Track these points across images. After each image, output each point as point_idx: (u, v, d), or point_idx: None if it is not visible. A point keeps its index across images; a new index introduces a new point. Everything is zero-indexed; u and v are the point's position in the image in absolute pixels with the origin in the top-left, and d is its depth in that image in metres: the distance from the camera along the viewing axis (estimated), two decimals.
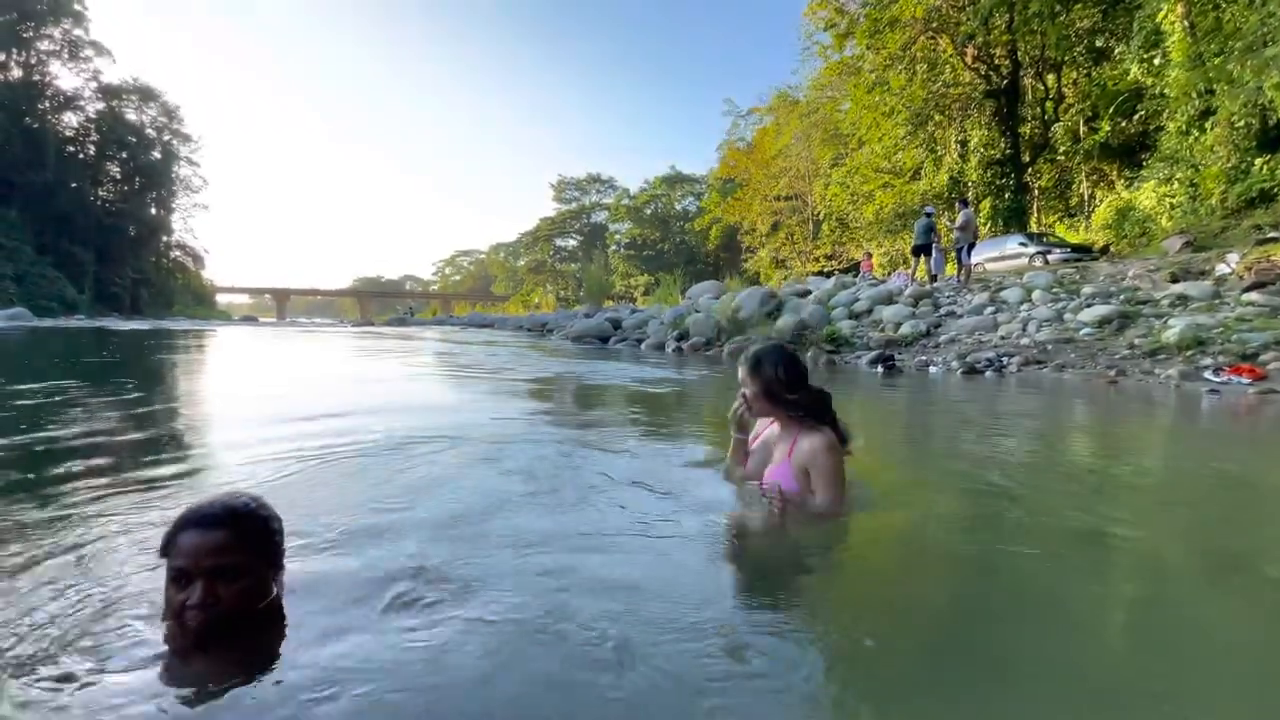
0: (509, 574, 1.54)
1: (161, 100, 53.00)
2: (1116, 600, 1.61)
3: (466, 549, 1.69)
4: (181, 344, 13.31)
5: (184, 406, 5.00)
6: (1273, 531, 2.21)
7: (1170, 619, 1.50)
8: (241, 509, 1.19)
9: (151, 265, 53.64)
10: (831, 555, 1.82)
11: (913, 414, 5.39)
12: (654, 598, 1.43)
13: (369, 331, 24.13)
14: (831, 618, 1.44)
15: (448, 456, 2.83)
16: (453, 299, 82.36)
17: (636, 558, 1.69)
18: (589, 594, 1.44)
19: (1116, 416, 4.94)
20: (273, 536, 1.24)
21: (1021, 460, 3.31)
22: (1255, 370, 6.16)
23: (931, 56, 23.86)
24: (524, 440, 3.33)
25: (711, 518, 2.00)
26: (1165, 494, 2.78)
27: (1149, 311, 8.55)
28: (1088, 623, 1.43)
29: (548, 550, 1.70)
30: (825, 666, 1.21)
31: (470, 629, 1.26)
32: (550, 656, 1.19)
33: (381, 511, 2.00)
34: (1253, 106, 12.62)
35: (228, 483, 2.40)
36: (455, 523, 1.91)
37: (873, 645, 1.29)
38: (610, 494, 2.25)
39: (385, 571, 1.50)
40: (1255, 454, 3.77)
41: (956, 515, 2.26)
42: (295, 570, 1.35)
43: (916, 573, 1.74)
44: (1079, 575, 1.70)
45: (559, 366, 8.73)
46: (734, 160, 45.38)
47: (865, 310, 11.60)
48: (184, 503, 1.38)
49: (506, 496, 2.20)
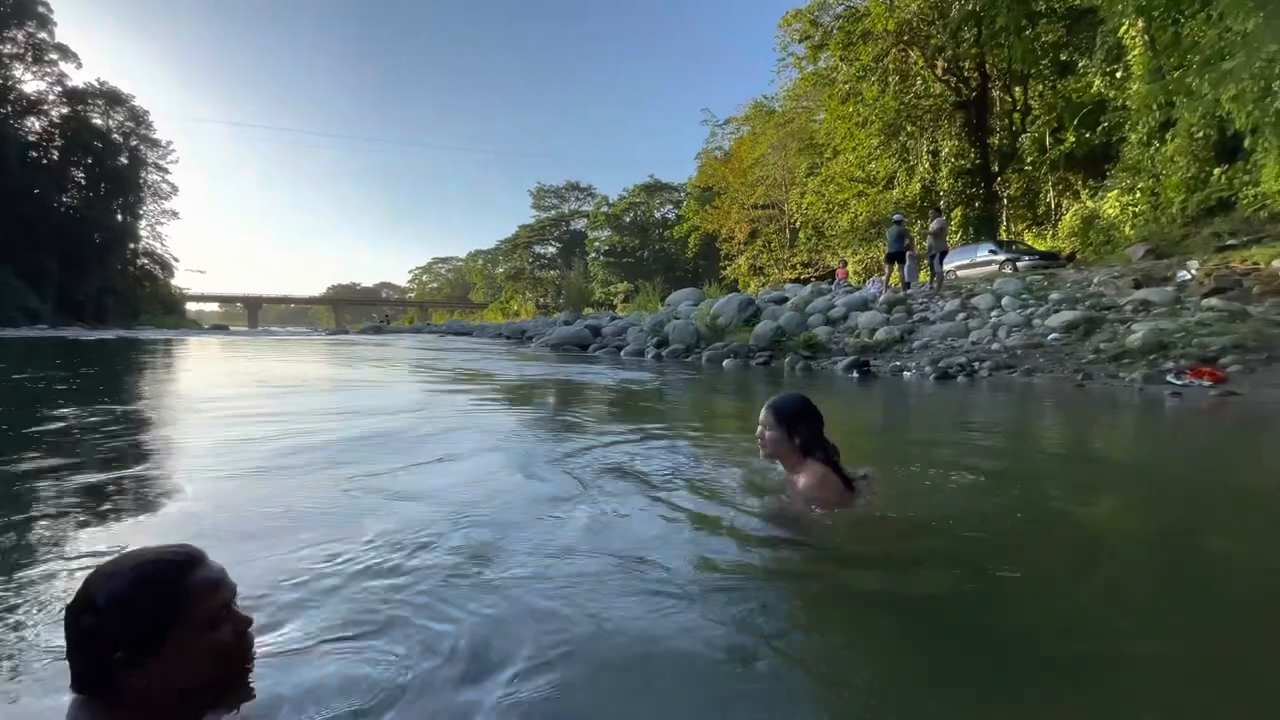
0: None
1: (129, 105, 51.89)
2: (1085, 579, 1.70)
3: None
4: (136, 357, 12.97)
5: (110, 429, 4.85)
6: (1230, 520, 2.36)
7: (1124, 589, 1.60)
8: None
9: (118, 273, 52.25)
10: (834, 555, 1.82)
11: (889, 417, 5.45)
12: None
13: (343, 340, 23.78)
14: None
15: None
16: (430, 307, 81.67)
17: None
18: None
19: (1084, 418, 5.04)
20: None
21: (996, 461, 3.35)
22: (1215, 373, 6.34)
23: (903, 68, 24.35)
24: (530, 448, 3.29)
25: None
26: (1126, 488, 2.88)
27: (1113, 317, 8.76)
28: (1066, 604, 1.50)
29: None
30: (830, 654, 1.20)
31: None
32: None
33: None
34: (1210, 118, 13.04)
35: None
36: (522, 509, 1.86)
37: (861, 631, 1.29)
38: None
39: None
40: (1215, 454, 3.87)
41: (939, 509, 2.27)
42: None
43: (898, 565, 1.75)
44: (1057, 563, 1.80)
45: (540, 370, 8.68)
46: (712, 169, 45.71)
47: (841, 317, 11.72)
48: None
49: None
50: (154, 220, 56.53)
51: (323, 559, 1.71)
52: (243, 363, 11.45)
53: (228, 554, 1.21)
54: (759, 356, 10.32)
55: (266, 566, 1.66)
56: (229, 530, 2.02)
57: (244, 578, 1.14)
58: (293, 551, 1.77)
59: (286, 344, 19.43)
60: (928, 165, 24.53)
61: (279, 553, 1.77)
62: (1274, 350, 6.66)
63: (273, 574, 1.59)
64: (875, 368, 8.75)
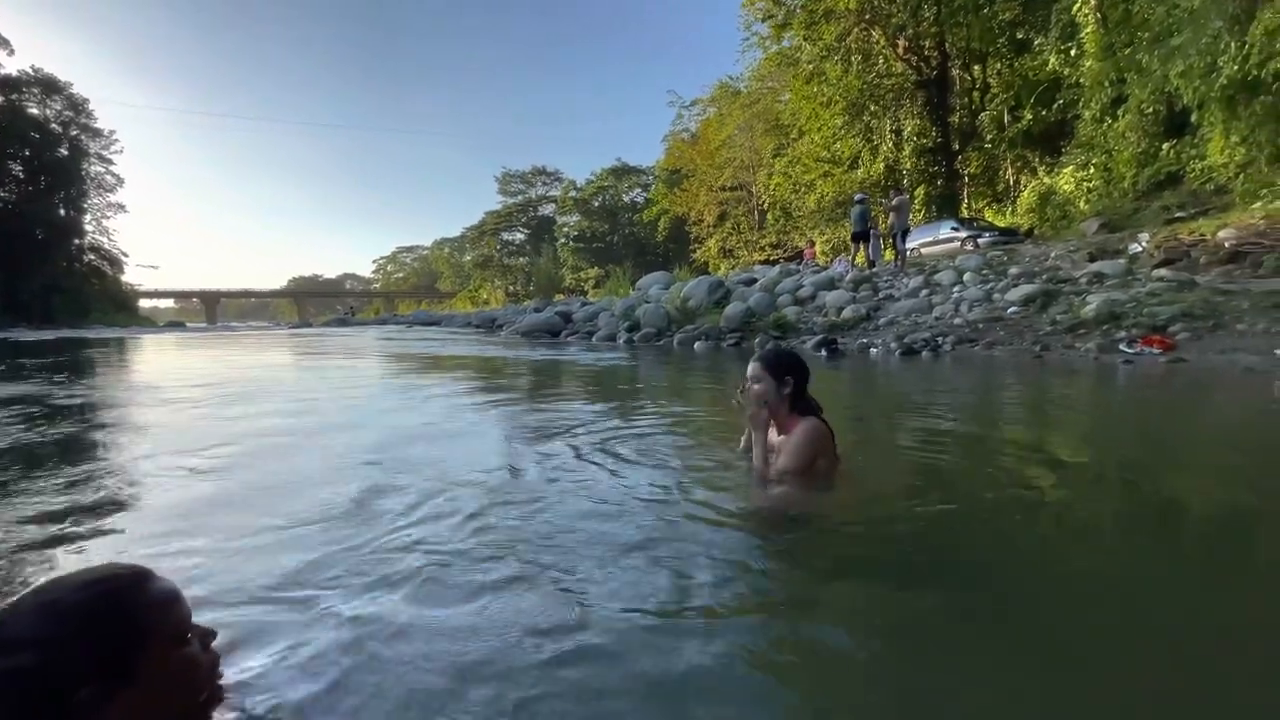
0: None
1: (67, 93, 49.25)
2: (1048, 541, 1.77)
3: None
4: (81, 354, 12.46)
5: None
6: (1174, 467, 2.61)
7: (1073, 544, 1.67)
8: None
9: (64, 271, 49.81)
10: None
11: (855, 391, 5.54)
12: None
13: (304, 333, 23.18)
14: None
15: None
16: (396, 297, 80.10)
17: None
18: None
19: (1041, 387, 5.19)
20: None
21: (963, 427, 3.43)
22: (1165, 341, 6.59)
23: (865, 48, 24.49)
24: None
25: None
26: (1078, 447, 3.02)
27: (1069, 290, 9.02)
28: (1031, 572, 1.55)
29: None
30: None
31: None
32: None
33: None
34: (1160, 94, 13.43)
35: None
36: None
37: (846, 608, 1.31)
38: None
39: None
40: (1160, 414, 4.03)
41: (909, 479, 2.32)
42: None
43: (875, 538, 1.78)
44: (1024, 529, 1.87)
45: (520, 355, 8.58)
46: (679, 151, 45.53)
47: (809, 296, 11.85)
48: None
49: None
50: (99, 214, 53.89)
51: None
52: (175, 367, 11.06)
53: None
54: (730, 338, 10.38)
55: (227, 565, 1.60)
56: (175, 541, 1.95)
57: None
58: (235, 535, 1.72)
59: (244, 340, 18.85)
60: (891, 145, 24.80)
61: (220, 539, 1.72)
62: (1219, 318, 6.95)
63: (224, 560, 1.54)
64: (843, 345, 8.88)
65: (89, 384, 6.51)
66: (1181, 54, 11.35)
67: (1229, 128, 11.36)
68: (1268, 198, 10.56)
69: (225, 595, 1.42)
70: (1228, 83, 10.51)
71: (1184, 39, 11.28)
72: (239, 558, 1.66)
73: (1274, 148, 10.85)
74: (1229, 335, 6.55)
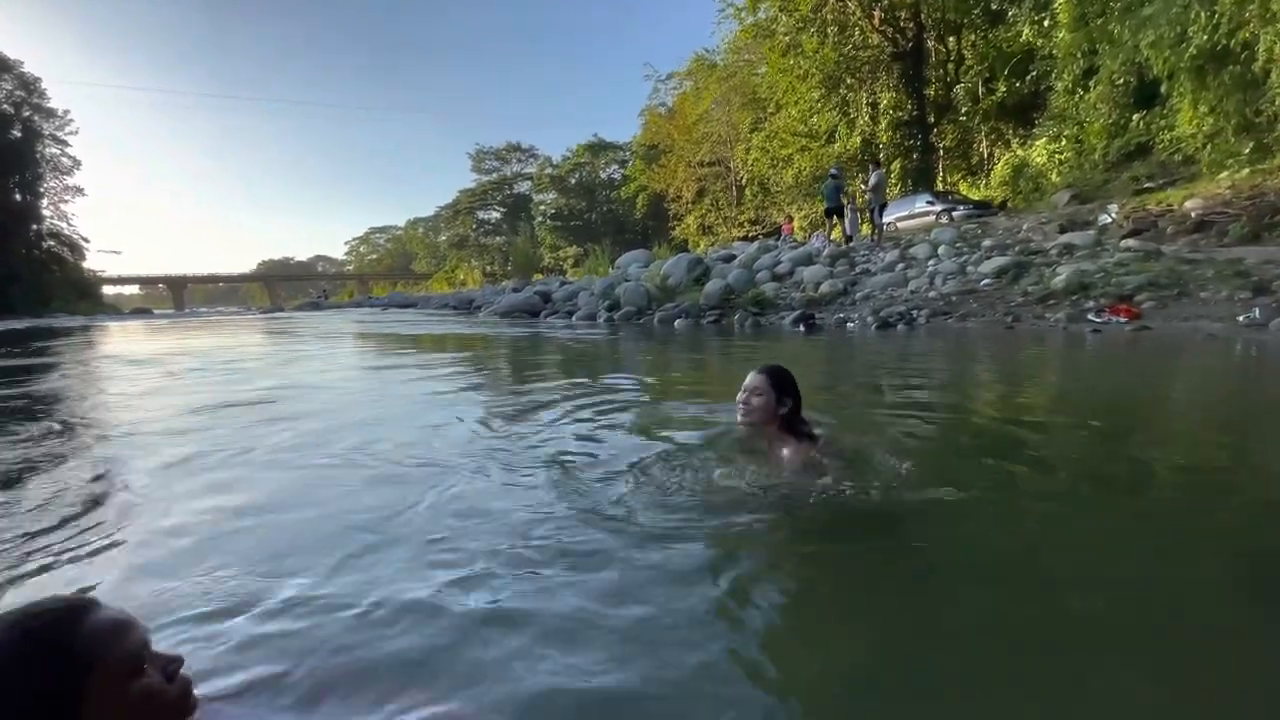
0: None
1: (18, 72, 46.97)
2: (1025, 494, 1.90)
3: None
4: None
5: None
6: (1137, 425, 2.80)
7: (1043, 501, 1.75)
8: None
9: (22, 259, 48.03)
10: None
11: (832, 365, 5.60)
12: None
13: (279, 318, 22.73)
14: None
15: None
16: (370, 279, 78.49)
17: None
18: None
19: (1012, 356, 5.30)
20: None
21: (935, 397, 3.49)
22: (1131, 310, 6.74)
23: (841, 19, 24.25)
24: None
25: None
26: (1049, 410, 3.17)
27: (1040, 261, 9.17)
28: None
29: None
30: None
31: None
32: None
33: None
34: (1130, 65, 13.54)
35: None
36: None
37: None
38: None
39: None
40: (1124, 378, 4.15)
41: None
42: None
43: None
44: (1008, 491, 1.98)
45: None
46: (656, 126, 44.95)
47: (787, 272, 11.88)
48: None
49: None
50: (57, 198, 51.81)
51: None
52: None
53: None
54: (709, 315, 10.40)
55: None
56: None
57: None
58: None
59: (213, 326, 18.44)
60: (867, 118, 24.74)
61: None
62: (1184, 287, 7.12)
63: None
64: (820, 320, 8.95)
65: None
66: (1152, 24, 11.43)
67: (1198, 98, 11.52)
68: (1234, 167, 10.78)
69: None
70: (1197, 53, 10.63)
71: (1155, 9, 11.35)
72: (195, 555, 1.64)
73: (1241, 117, 11.04)
74: (1193, 303, 6.73)
